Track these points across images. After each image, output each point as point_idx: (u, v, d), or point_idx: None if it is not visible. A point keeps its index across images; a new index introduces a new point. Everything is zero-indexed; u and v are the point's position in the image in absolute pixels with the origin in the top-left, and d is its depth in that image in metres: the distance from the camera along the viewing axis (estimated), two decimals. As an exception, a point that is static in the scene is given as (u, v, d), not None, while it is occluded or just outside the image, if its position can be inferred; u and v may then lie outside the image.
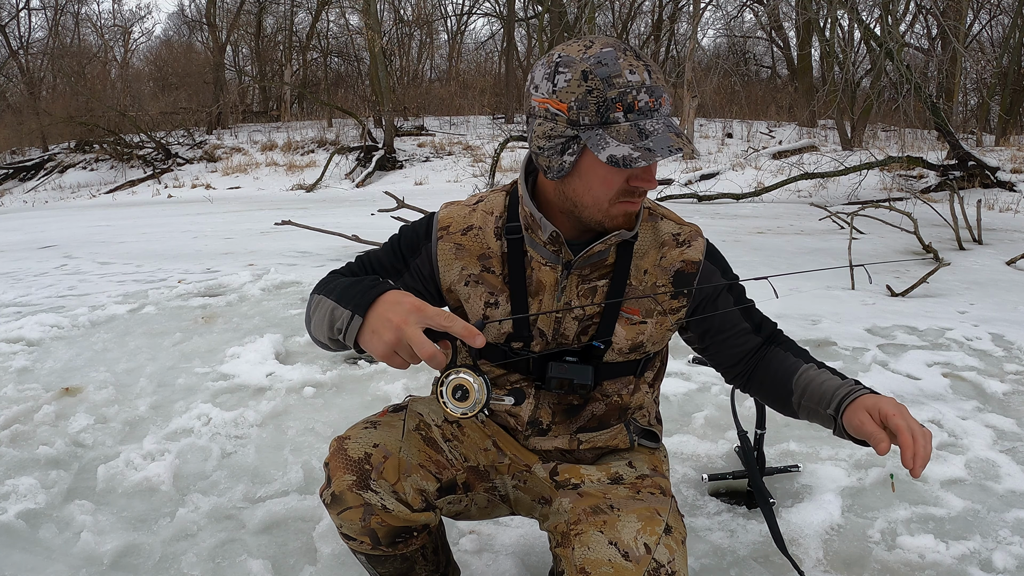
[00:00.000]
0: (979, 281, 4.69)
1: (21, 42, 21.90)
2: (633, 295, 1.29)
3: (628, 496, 1.29)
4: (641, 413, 1.43)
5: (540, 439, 1.37)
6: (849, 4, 9.26)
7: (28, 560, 1.78)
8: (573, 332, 1.30)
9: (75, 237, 7.86)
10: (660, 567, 1.18)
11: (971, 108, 18.61)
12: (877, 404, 1.12)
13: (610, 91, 1.08)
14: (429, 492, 1.29)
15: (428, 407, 1.40)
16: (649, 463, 1.41)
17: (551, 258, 1.26)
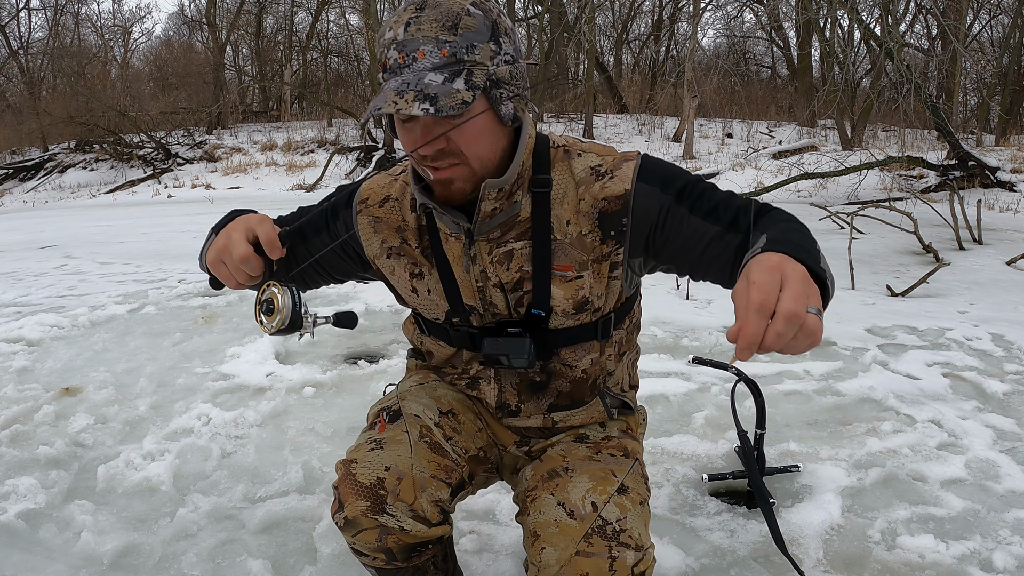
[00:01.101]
0: (979, 281, 4.69)
1: (21, 42, 21.89)
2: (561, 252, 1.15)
3: (586, 457, 1.27)
4: (613, 381, 1.33)
5: (514, 420, 1.33)
6: (849, 4, 9.26)
7: (28, 560, 1.78)
8: (504, 303, 1.20)
9: (75, 237, 7.85)
10: (607, 524, 1.16)
11: (971, 108, 18.61)
12: (748, 270, 0.85)
13: (379, 52, 1.07)
14: (444, 500, 1.25)
15: (418, 402, 1.33)
16: (621, 425, 1.37)
17: (453, 228, 1.17)
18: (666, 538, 1.83)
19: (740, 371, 2.05)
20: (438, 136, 1.04)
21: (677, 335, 3.41)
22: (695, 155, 13.58)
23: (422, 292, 1.27)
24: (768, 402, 2.24)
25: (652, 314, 3.71)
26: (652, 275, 1.38)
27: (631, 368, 1.40)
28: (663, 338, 3.38)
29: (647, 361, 3.04)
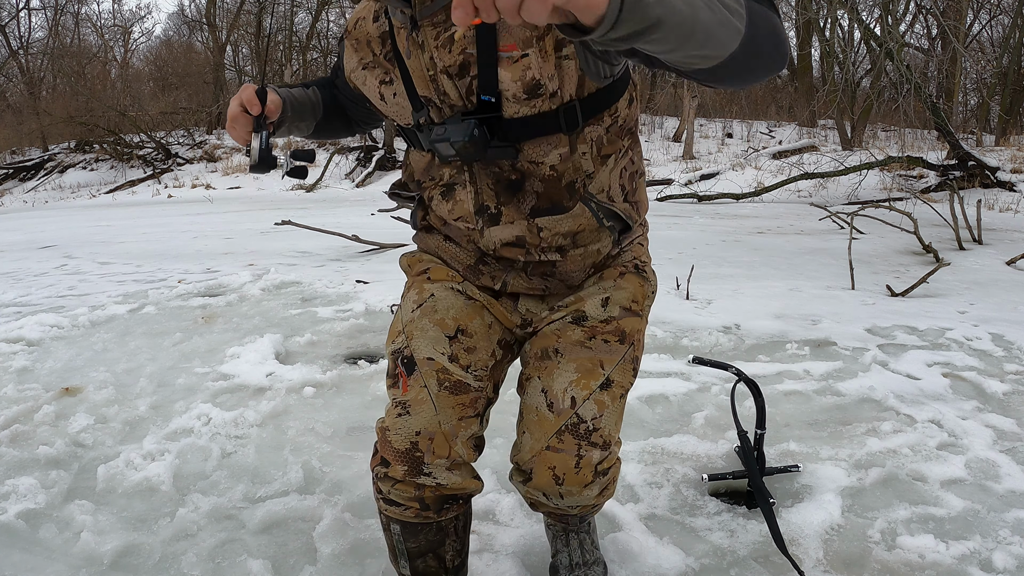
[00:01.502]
0: (979, 281, 4.69)
1: (21, 42, 21.89)
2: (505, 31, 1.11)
3: (578, 342, 1.29)
4: (596, 187, 1.25)
5: (497, 229, 1.27)
6: (849, 4, 9.26)
7: (28, 560, 1.78)
8: (455, 92, 1.18)
9: (75, 237, 7.86)
10: (581, 423, 1.23)
11: (971, 108, 18.60)
12: None
13: None
14: (476, 431, 1.32)
15: (426, 338, 1.31)
16: (629, 297, 1.34)
17: (401, 19, 1.17)
18: (666, 538, 1.83)
19: (740, 371, 2.05)
20: None
21: (677, 335, 3.42)
22: (695, 155, 13.58)
23: (389, 97, 1.28)
24: (768, 402, 2.24)
25: (652, 314, 3.70)
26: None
27: (626, 180, 1.31)
28: (663, 338, 3.38)
29: (647, 361, 3.04)
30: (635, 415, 2.55)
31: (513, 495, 2.01)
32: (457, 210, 1.29)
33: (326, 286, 4.47)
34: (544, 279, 1.34)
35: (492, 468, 2.16)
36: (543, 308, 1.38)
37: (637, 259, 1.41)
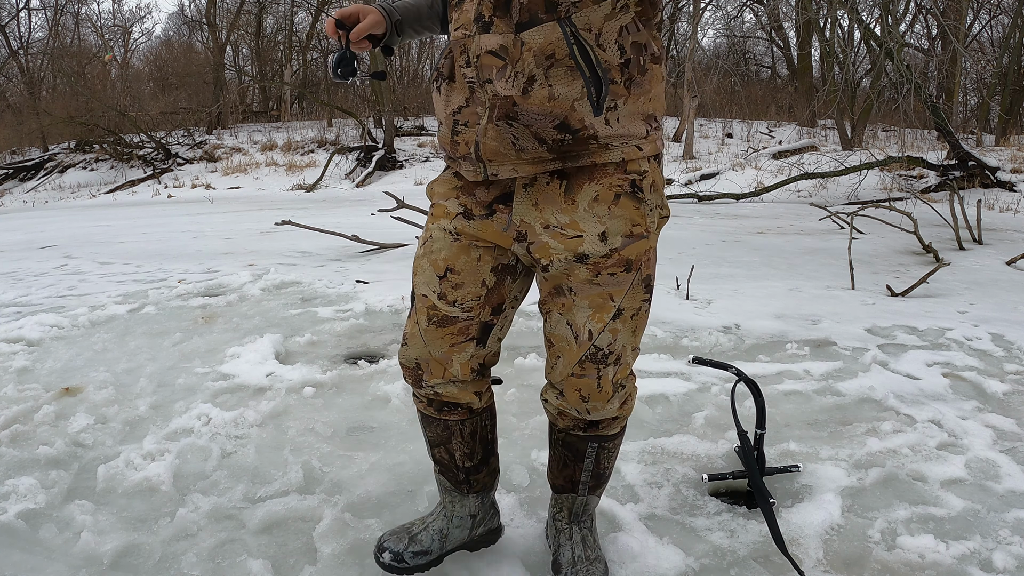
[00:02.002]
0: (979, 281, 4.69)
1: (21, 42, 21.90)
2: None
3: (586, 280, 1.39)
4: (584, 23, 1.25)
5: (486, 37, 1.29)
6: (849, 4, 9.26)
7: (28, 560, 1.78)
8: None
9: (75, 237, 7.86)
10: (598, 351, 1.43)
11: (971, 108, 18.61)
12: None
13: None
14: (475, 354, 1.51)
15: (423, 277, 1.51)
16: (628, 224, 1.36)
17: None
18: (666, 538, 1.83)
19: (740, 371, 2.06)
20: None
21: (677, 335, 3.42)
22: (695, 155, 13.58)
23: None
24: (768, 402, 2.24)
25: (652, 314, 3.70)
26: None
27: (628, 44, 1.30)
28: (663, 338, 3.38)
29: (647, 361, 3.04)
30: (635, 415, 2.55)
31: (513, 495, 2.01)
32: (461, 19, 1.33)
33: (326, 286, 4.47)
34: (510, 125, 1.30)
35: (492, 468, 2.16)
36: (537, 219, 1.38)
37: (635, 173, 1.36)
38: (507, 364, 3.06)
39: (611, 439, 1.60)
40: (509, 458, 2.25)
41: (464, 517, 1.71)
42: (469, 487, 1.69)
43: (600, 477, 1.65)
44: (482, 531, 1.76)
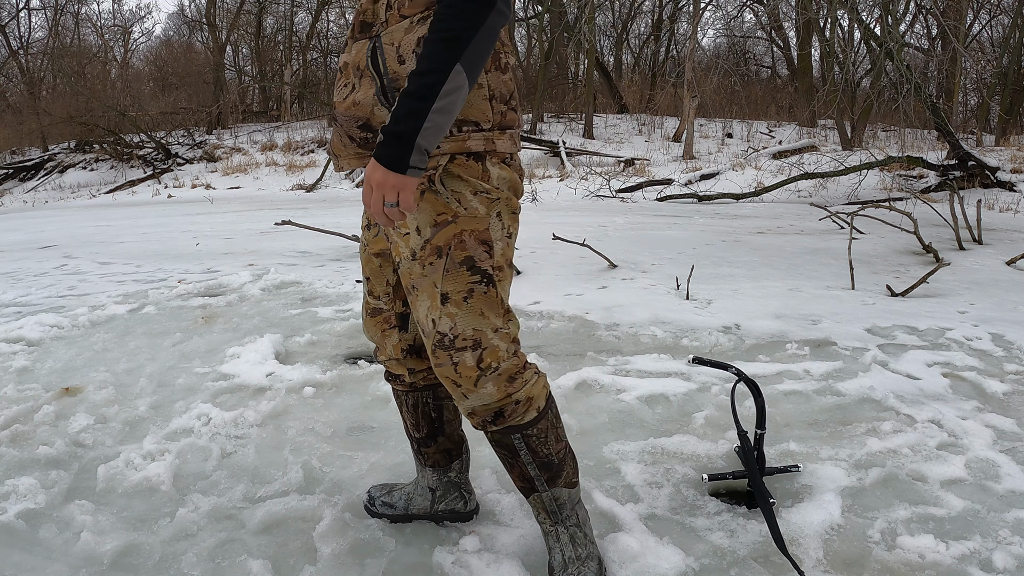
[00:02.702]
0: (979, 281, 4.69)
1: (21, 42, 21.90)
2: None
3: (420, 275, 1.49)
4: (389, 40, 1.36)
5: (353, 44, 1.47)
6: (849, 4, 9.26)
7: (28, 560, 1.78)
8: None
9: (75, 237, 7.86)
10: (443, 337, 1.49)
11: (971, 108, 18.62)
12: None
13: None
14: (401, 339, 1.71)
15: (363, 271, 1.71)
16: (431, 214, 1.44)
17: None
18: (666, 538, 1.83)
19: (740, 371, 2.05)
20: None
21: (677, 335, 3.42)
22: (695, 155, 13.58)
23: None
24: (768, 402, 2.24)
25: (652, 314, 3.71)
26: (651, 276, 1.40)
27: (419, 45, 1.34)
28: (663, 338, 3.38)
29: (647, 361, 3.04)
30: (635, 415, 2.55)
31: (513, 495, 2.01)
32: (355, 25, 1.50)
33: (326, 286, 4.47)
34: (338, 125, 1.50)
35: (492, 468, 2.16)
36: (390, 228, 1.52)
37: (432, 169, 1.41)
38: (507, 364, 3.06)
39: (530, 426, 1.55)
40: (509, 458, 2.25)
41: (424, 488, 1.88)
42: (424, 459, 1.87)
43: (550, 467, 1.60)
44: (443, 508, 1.89)
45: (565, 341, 3.39)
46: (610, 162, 13.30)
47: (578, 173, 12.07)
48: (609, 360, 3.08)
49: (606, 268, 4.91)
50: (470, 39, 1.25)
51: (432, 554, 1.77)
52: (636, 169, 12.66)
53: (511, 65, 1.48)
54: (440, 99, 1.24)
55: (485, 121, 1.41)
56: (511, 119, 1.46)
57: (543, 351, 3.21)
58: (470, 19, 1.25)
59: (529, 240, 6.11)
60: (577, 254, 5.32)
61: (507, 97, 1.45)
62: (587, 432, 2.43)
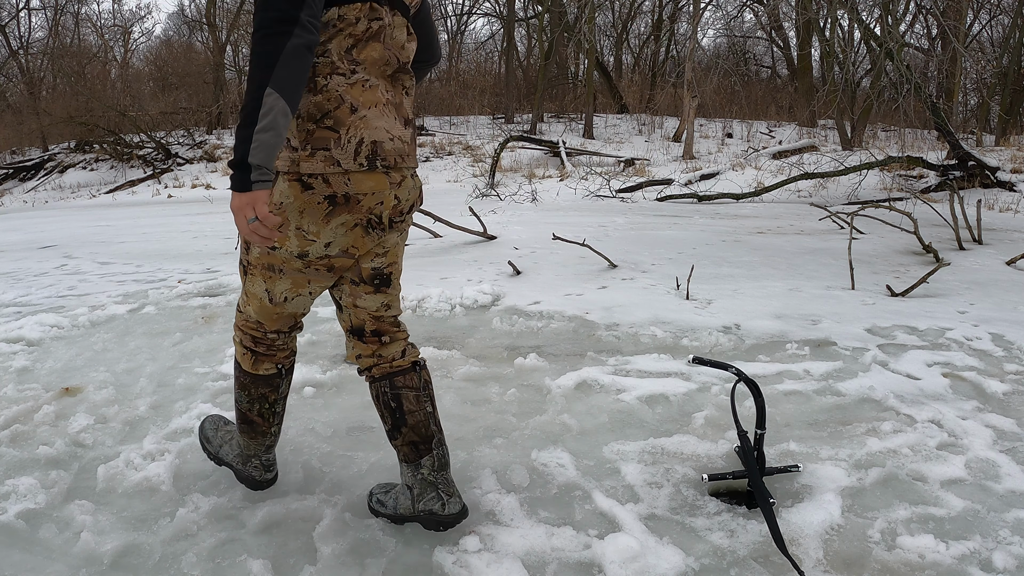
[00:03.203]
0: (979, 281, 4.69)
1: (21, 42, 21.90)
2: None
3: None
4: None
5: None
6: (849, 4, 9.26)
7: (28, 560, 1.78)
8: None
9: (75, 237, 7.86)
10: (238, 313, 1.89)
11: (971, 108, 18.61)
12: None
13: None
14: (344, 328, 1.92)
15: None
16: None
17: None
18: (666, 538, 1.83)
19: (740, 371, 2.05)
20: None
21: (677, 335, 3.42)
22: (695, 155, 13.58)
23: None
24: (768, 402, 2.24)
25: (652, 314, 3.71)
26: (651, 276, 1.40)
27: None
28: (663, 338, 3.38)
29: (647, 361, 3.04)
30: (635, 415, 2.55)
31: (513, 495, 2.01)
32: None
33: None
34: None
35: (492, 468, 2.16)
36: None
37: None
38: (507, 364, 3.06)
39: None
40: (509, 458, 2.25)
41: (404, 486, 1.87)
42: (397, 451, 1.87)
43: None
44: (422, 508, 1.83)
45: (565, 341, 3.39)
46: (610, 162, 13.30)
47: (578, 173, 12.07)
48: (609, 360, 3.08)
49: (606, 268, 4.91)
50: (274, 64, 1.41)
51: (432, 554, 1.77)
52: (636, 169, 12.66)
53: (328, 86, 1.56)
54: (260, 121, 1.41)
55: (293, 138, 1.57)
56: (322, 136, 1.55)
57: (543, 351, 3.21)
58: (272, 45, 1.41)
59: (529, 240, 6.11)
60: (577, 254, 5.32)
61: (317, 116, 1.56)
62: (587, 432, 2.43)
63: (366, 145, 1.58)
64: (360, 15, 1.56)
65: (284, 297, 1.77)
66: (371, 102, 1.60)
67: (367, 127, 1.59)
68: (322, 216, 1.60)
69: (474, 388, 2.81)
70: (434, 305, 3.92)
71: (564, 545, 1.81)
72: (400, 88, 1.69)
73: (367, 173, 1.60)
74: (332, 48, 1.56)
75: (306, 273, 1.72)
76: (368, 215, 1.64)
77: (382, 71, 1.63)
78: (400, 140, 1.66)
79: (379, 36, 1.61)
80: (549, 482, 2.11)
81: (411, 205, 1.75)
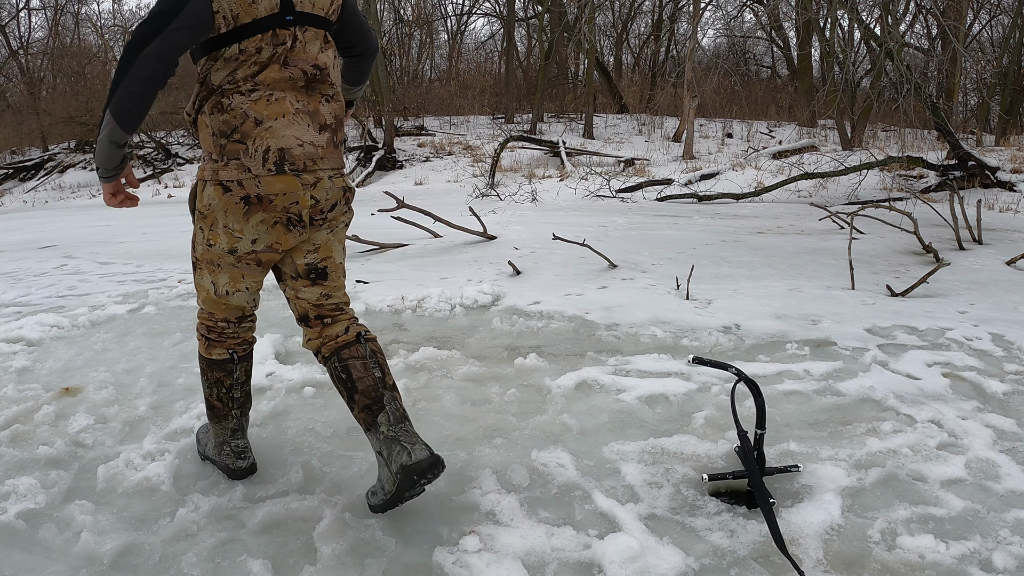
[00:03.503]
0: (979, 281, 4.69)
1: (21, 42, 21.90)
2: None
3: None
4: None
5: None
6: (849, 4, 9.26)
7: (28, 560, 1.78)
8: None
9: (75, 237, 7.86)
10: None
11: (971, 108, 18.61)
12: None
13: None
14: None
15: None
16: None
17: None
18: (666, 538, 1.83)
19: (740, 371, 2.05)
20: None
21: (677, 335, 3.42)
22: (695, 155, 13.58)
23: None
24: (768, 402, 2.24)
25: (652, 314, 3.71)
26: (651, 276, 1.40)
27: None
28: (663, 338, 3.38)
29: (647, 361, 3.04)
30: (635, 415, 2.55)
31: (513, 495, 2.01)
32: None
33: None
34: None
35: (492, 468, 2.16)
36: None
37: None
38: (507, 364, 3.06)
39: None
40: (509, 458, 2.25)
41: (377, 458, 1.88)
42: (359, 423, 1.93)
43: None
44: (396, 468, 1.79)
45: (565, 341, 3.39)
46: (610, 162, 13.30)
47: (578, 173, 12.07)
48: (609, 360, 3.08)
49: (606, 268, 4.91)
50: (116, 88, 1.66)
51: (432, 554, 1.77)
52: (636, 169, 12.66)
53: (232, 105, 1.77)
54: (100, 134, 1.75)
55: (213, 152, 1.82)
56: (233, 148, 1.78)
57: (543, 351, 3.21)
58: (120, 71, 1.66)
59: (529, 240, 6.11)
60: (577, 254, 5.32)
61: (227, 132, 1.77)
62: (587, 432, 2.43)
63: (273, 152, 1.77)
64: (262, 44, 1.75)
65: (226, 291, 1.98)
66: (277, 113, 1.78)
67: (273, 136, 1.77)
68: (242, 215, 1.81)
69: (474, 388, 2.81)
70: (434, 305, 3.92)
71: (564, 545, 1.81)
72: (317, 96, 1.85)
73: (276, 176, 1.78)
74: (238, 76, 1.76)
75: (239, 268, 1.92)
76: (285, 214, 1.82)
77: (291, 84, 1.80)
78: (312, 145, 1.82)
79: (283, 58, 1.78)
80: (549, 482, 2.11)
81: (333, 204, 1.90)
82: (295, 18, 1.78)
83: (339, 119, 1.92)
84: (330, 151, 1.87)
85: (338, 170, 1.90)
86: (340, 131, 1.93)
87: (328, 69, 1.87)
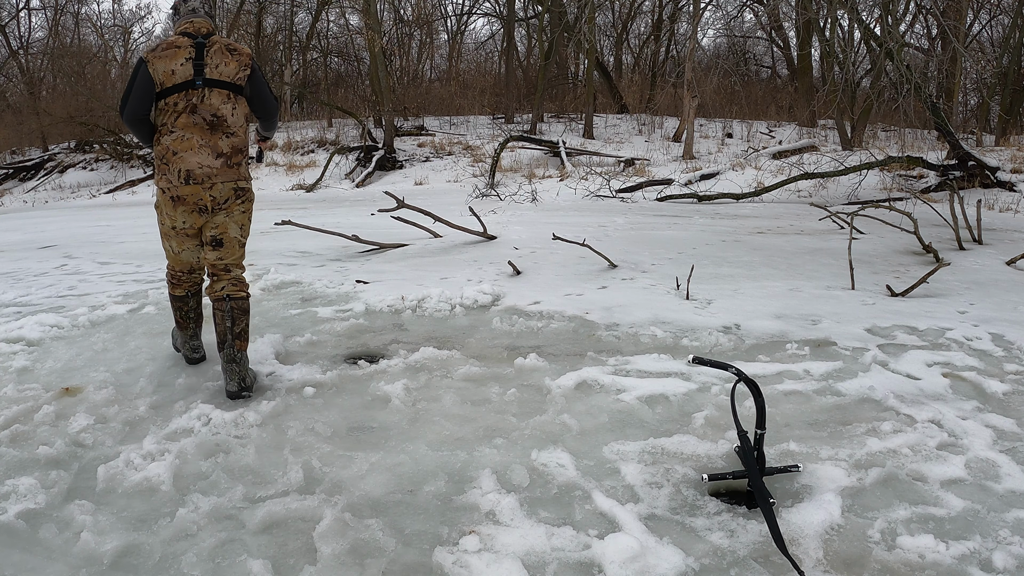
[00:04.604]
0: (979, 281, 4.69)
1: (21, 42, 21.90)
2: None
3: None
4: None
5: None
6: (849, 4, 9.26)
7: (28, 560, 1.78)
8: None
9: (75, 237, 7.85)
10: None
11: (971, 108, 18.61)
12: None
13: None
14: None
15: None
16: None
17: None
18: (666, 538, 1.83)
19: (740, 371, 2.05)
20: None
21: (677, 335, 3.42)
22: (695, 155, 13.58)
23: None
24: (768, 402, 2.24)
25: (652, 314, 3.71)
26: (651, 276, 1.40)
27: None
28: (663, 338, 3.38)
29: (647, 361, 3.04)
30: (635, 415, 2.55)
31: (513, 495, 2.01)
32: None
33: (326, 286, 4.47)
34: None
35: (492, 468, 2.16)
36: None
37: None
38: (507, 364, 3.06)
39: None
40: (509, 458, 2.25)
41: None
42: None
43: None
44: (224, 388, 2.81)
45: (565, 341, 3.39)
46: (610, 162, 13.30)
47: (578, 173, 12.06)
48: (609, 360, 3.08)
49: (606, 268, 4.91)
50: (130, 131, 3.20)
51: (432, 554, 1.78)
52: (636, 169, 12.66)
53: (162, 141, 2.78)
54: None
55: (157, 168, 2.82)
56: (163, 167, 2.78)
57: (543, 351, 3.21)
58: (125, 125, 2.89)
59: (529, 240, 6.11)
60: (577, 254, 5.32)
61: (161, 157, 2.78)
62: (587, 432, 2.43)
63: (182, 172, 2.76)
64: (179, 99, 2.73)
65: (177, 251, 2.97)
66: (186, 148, 2.75)
67: (182, 162, 2.75)
68: (172, 207, 2.82)
69: (474, 388, 2.81)
70: (434, 305, 3.92)
71: (564, 545, 1.81)
72: (219, 134, 2.78)
73: (185, 186, 2.77)
74: (166, 121, 2.76)
75: (179, 237, 2.91)
76: (196, 205, 2.81)
77: (198, 127, 2.75)
78: (209, 168, 2.77)
79: (193, 109, 2.73)
80: (549, 482, 2.11)
81: (226, 199, 2.84)
82: (203, 82, 2.72)
83: (236, 148, 2.82)
84: (224, 170, 2.80)
85: (230, 179, 2.82)
86: (236, 156, 2.83)
87: (226, 117, 2.79)
